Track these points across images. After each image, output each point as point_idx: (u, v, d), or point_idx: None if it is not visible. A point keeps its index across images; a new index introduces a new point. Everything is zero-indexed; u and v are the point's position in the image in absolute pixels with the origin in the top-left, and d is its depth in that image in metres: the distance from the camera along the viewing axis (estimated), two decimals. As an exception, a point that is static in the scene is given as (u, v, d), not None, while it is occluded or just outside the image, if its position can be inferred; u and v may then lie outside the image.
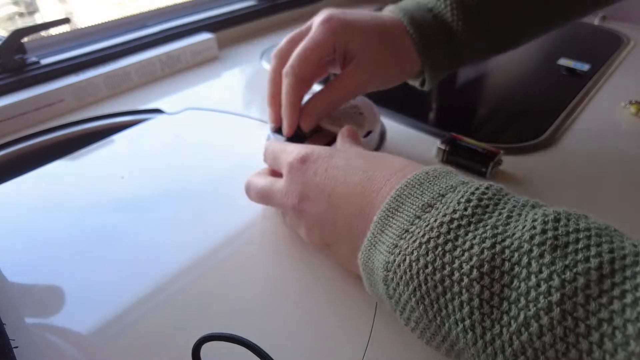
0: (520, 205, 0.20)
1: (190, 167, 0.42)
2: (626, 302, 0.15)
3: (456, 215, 0.20)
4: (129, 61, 0.56)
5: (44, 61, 0.53)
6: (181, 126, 0.48)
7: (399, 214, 0.22)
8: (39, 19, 0.63)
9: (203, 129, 0.48)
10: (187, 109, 0.51)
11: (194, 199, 0.37)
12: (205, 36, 0.63)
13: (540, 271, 0.17)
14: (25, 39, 0.51)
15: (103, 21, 0.62)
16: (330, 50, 0.35)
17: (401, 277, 0.20)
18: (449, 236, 0.20)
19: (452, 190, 0.22)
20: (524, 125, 0.50)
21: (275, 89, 0.37)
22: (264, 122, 0.48)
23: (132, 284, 0.30)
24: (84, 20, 0.63)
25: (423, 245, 0.20)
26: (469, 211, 0.20)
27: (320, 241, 0.28)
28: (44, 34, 0.56)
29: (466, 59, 0.39)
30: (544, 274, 0.17)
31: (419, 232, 0.20)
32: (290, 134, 0.36)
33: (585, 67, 0.58)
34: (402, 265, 0.20)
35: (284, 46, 0.37)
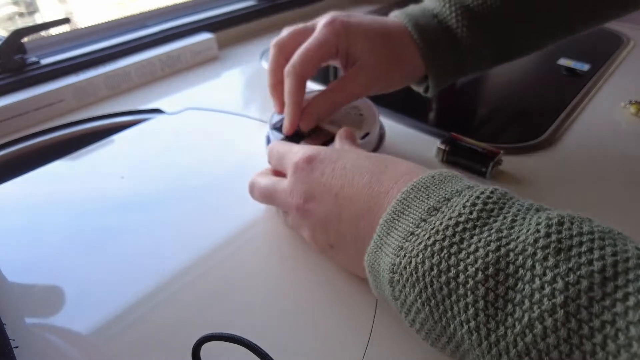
0: (524, 209, 0.21)
1: (190, 166, 0.42)
2: (629, 304, 0.16)
3: (462, 218, 0.20)
4: (129, 61, 0.56)
5: (44, 61, 0.53)
6: (181, 126, 0.48)
7: (404, 216, 0.22)
8: (39, 19, 0.63)
9: (203, 129, 0.48)
10: (187, 109, 0.51)
11: (194, 198, 0.38)
12: (205, 36, 0.63)
13: (544, 274, 0.17)
14: (25, 39, 0.51)
15: (103, 21, 0.62)
16: (332, 52, 0.36)
17: (407, 279, 0.21)
18: (454, 239, 0.20)
19: (457, 195, 0.22)
20: (524, 125, 0.50)
21: (275, 79, 0.38)
22: (263, 122, 0.48)
23: (132, 283, 0.30)
24: (83, 20, 0.63)
25: (429, 247, 0.20)
26: (474, 215, 0.20)
27: (324, 242, 0.28)
28: (44, 34, 0.56)
29: (470, 66, 0.38)
30: (547, 276, 0.17)
31: (424, 234, 0.21)
32: (290, 133, 0.36)
33: (585, 67, 0.58)
34: (408, 267, 0.21)
35: (285, 37, 0.37)
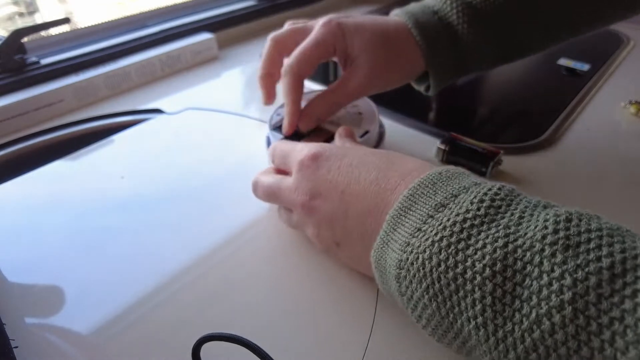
0: (532, 206, 0.21)
1: (190, 166, 0.42)
2: (638, 301, 0.16)
3: (469, 215, 0.20)
4: (129, 61, 0.56)
5: (44, 61, 0.53)
6: (181, 126, 0.48)
7: (411, 212, 0.22)
8: (38, 19, 0.63)
9: (203, 128, 0.48)
10: (187, 109, 0.51)
11: (194, 198, 0.38)
12: (205, 36, 0.63)
13: (552, 270, 0.17)
14: (25, 39, 0.51)
15: (103, 21, 0.62)
16: (330, 51, 0.36)
17: (414, 275, 0.21)
18: (462, 235, 0.20)
19: (464, 191, 0.22)
20: (524, 125, 0.50)
21: (264, 71, 0.38)
22: (263, 122, 0.48)
23: (132, 283, 0.30)
24: (83, 20, 0.63)
25: (436, 243, 0.20)
26: (481, 211, 0.20)
27: (330, 239, 0.28)
28: (44, 34, 0.56)
29: (472, 64, 0.38)
30: (555, 272, 0.17)
31: (431, 230, 0.21)
32: (290, 133, 0.36)
33: (585, 67, 0.58)
34: (415, 263, 0.21)
35: (283, 33, 0.38)
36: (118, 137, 0.46)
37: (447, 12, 0.36)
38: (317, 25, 0.36)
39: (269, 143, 0.39)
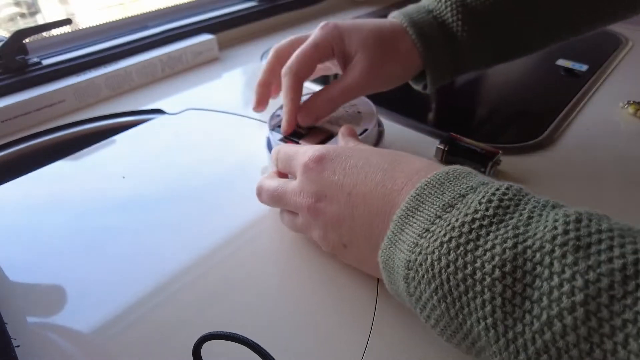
0: (540, 206, 0.20)
1: (190, 166, 0.42)
2: None
3: (478, 215, 0.20)
4: (130, 62, 0.56)
5: (46, 62, 0.53)
6: (182, 126, 0.49)
7: (419, 212, 0.22)
8: (40, 19, 0.63)
9: (204, 129, 0.48)
10: (188, 109, 0.51)
11: (194, 198, 0.38)
12: (205, 37, 0.63)
13: (562, 271, 0.17)
14: (27, 40, 0.51)
15: (104, 22, 0.62)
16: (328, 52, 0.36)
17: (422, 276, 0.21)
18: (470, 236, 0.20)
19: (472, 191, 0.22)
20: (523, 126, 0.50)
21: (262, 79, 0.40)
22: (263, 122, 0.48)
23: (133, 283, 0.30)
24: (85, 21, 0.63)
25: (445, 244, 0.20)
26: (490, 211, 0.20)
27: (337, 241, 0.28)
28: (45, 34, 0.56)
29: (468, 62, 0.38)
30: (566, 274, 0.17)
31: (440, 231, 0.21)
32: (289, 132, 0.37)
33: (584, 67, 0.58)
34: (424, 264, 0.21)
35: (285, 44, 0.39)
36: (119, 138, 0.46)
37: (441, 10, 0.37)
38: (316, 29, 0.37)
39: (269, 143, 0.39)
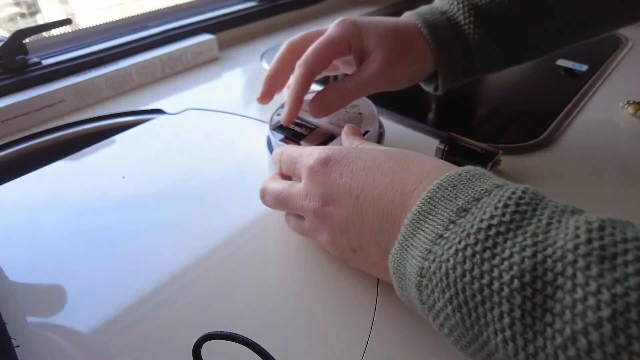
0: (559, 211, 0.20)
1: (190, 166, 0.42)
2: None
3: (494, 221, 0.19)
4: (130, 62, 0.56)
5: (46, 62, 0.53)
6: (182, 126, 0.49)
7: (431, 217, 0.21)
8: (40, 19, 0.63)
9: (204, 129, 0.48)
10: (188, 109, 0.51)
11: (194, 198, 0.38)
12: (206, 37, 0.63)
13: (587, 284, 0.16)
14: (27, 40, 0.51)
15: (104, 22, 0.62)
16: (345, 48, 0.36)
17: (436, 285, 0.20)
18: (487, 243, 0.19)
19: (487, 194, 0.21)
20: (523, 126, 0.50)
21: (272, 72, 0.39)
22: (263, 122, 0.48)
23: (133, 283, 0.30)
24: (85, 21, 0.63)
25: (460, 252, 0.19)
26: (506, 217, 0.19)
27: (346, 246, 0.27)
28: (45, 34, 0.56)
29: (480, 65, 0.38)
30: (591, 286, 0.16)
31: (454, 238, 0.20)
32: (289, 122, 0.37)
33: (584, 67, 0.58)
34: (438, 272, 0.20)
35: (298, 39, 0.39)
36: (119, 138, 0.47)
37: (454, 12, 0.37)
38: (333, 24, 0.37)
39: (269, 143, 0.39)
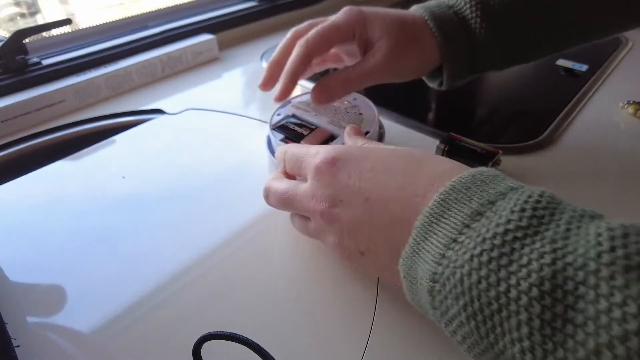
0: (577, 216, 0.19)
1: (190, 166, 0.42)
2: None
3: (510, 226, 0.19)
4: (130, 62, 0.56)
5: (46, 62, 0.53)
6: (182, 126, 0.49)
7: (444, 220, 0.21)
8: (40, 19, 0.63)
9: (204, 129, 0.48)
10: (188, 109, 0.51)
11: (194, 198, 0.38)
12: (205, 37, 0.63)
13: (611, 294, 0.15)
14: (27, 40, 0.51)
15: (104, 22, 0.62)
16: (349, 35, 0.36)
17: (450, 291, 0.19)
18: (503, 249, 0.18)
19: (502, 197, 0.20)
20: (523, 126, 0.50)
21: (278, 58, 0.39)
22: (263, 122, 0.48)
23: (133, 283, 0.30)
24: (85, 21, 0.63)
25: (475, 258, 0.19)
26: (524, 222, 0.19)
27: (354, 249, 0.26)
28: (45, 34, 0.56)
29: (486, 61, 0.38)
30: (616, 297, 0.15)
31: (469, 243, 0.19)
32: (281, 99, 0.37)
33: (584, 67, 0.58)
34: (452, 278, 0.19)
35: (303, 26, 0.39)
36: (119, 138, 0.47)
37: (461, 7, 0.37)
38: (339, 13, 0.37)
39: (269, 143, 0.39)
